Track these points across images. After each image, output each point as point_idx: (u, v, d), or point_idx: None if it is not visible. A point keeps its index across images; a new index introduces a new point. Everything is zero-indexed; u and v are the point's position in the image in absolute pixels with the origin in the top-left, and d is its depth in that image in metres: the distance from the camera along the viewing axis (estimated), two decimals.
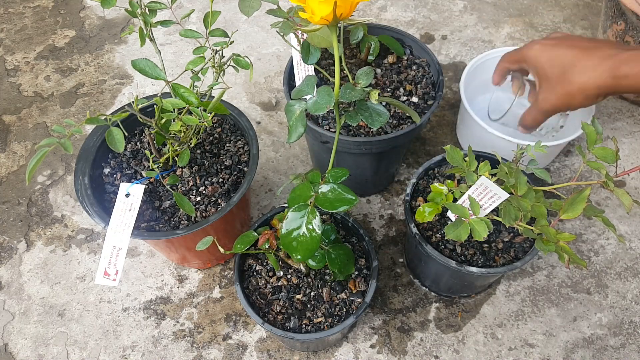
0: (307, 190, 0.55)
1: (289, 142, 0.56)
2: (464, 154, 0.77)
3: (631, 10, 1.04)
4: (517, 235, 0.81)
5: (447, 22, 1.40)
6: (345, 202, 0.53)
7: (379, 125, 0.57)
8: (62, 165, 1.16)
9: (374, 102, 0.57)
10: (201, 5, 1.47)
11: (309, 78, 0.57)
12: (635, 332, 0.93)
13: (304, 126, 0.55)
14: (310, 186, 0.55)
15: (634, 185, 1.11)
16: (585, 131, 0.68)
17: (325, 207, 0.54)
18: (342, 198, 0.54)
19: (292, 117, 0.55)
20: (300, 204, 0.55)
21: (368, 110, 0.58)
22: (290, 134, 0.56)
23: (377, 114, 0.57)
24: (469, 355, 0.91)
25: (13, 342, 0.94)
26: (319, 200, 0.54)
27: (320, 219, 0.54)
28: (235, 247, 0.69)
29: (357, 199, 0.53)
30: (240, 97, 1.26)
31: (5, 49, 1.38)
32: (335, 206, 0.53)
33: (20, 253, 1.04)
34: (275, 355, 0.91)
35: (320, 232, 0.54)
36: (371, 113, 0.57)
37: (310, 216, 0.54)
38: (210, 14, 0.69)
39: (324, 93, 0.54)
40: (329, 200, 0.54)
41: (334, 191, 0.54)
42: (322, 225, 0.54)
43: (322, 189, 0.55)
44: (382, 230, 1.05)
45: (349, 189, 0.54)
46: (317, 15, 0.50)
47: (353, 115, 0.57)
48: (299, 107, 0.55)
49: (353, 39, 0.91)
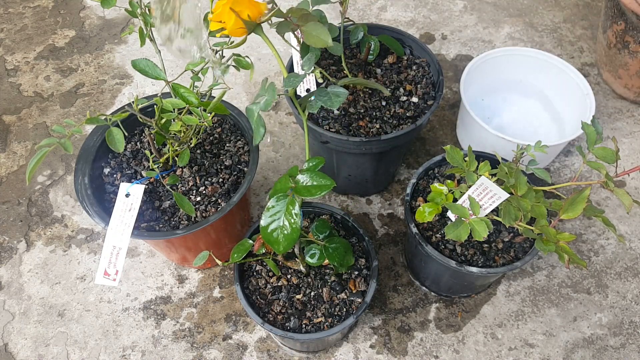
0: (286, 182, 0.57)
1: (255, 143, 0.60)
2: (464, 154, 0.77)
3: (631, 10, 1.04)
4: (517, 235, 0.81)
5: (447, 22, 1.41)
6: (322, 188, 0.55)
7: (337, 105, 0.60)
8: (62, 165, 1.16)
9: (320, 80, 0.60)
10: (201, 5, 1.47)
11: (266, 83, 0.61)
12: (635, 332, 0.93)
13: (263, 126, 0.59)
14: (288, 178, 0.57)
15: (634, 185, 1.11)
16: (585, 131, 0.68)
17: (304, 194, 0.55)
18: (318, 184, 0.55)
19: (253, 120, 0.59)
20: (280, 195, 0.56)
21: (327, 94, 0.61)
22: (255, 137, 0.59)
23: (335, 95, 0.61)
24: (469, 355, 0.91)
25: (13, 342, 0.94)
26: (297, 190, 0.56)
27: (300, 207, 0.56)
28: (232, 257, 0.69)
29: (333, 183, 0.55)
30: (240, 97, 1.26)
31: (5, 49, 1.38)
32: (312, 192, 0.55)
33: (20, 253, 1.04)
34: (275, 355, 0.91)
35: (299, 220, 0.55)
36: (330, 96, 0.61)
37: (290, 206, 0.55)
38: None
39: (271, 89, 0.58)
40: (307, 188, 0.56)
41: (311, 179, 0.56)
42: (300, 213, 0.56)
43: (300, 178, 0.57)
44: (382, 230, 1.05)
45: (324, 175, 0.56)
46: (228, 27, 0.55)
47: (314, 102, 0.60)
48: (256, 109, 0.59)
49: (353, 39, 0.91)
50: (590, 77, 1.27)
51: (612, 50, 1.17)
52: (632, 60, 1.13)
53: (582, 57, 1.32)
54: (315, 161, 0.59)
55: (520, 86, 1.19)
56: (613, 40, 1.15)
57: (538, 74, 1.15)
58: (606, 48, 1.19)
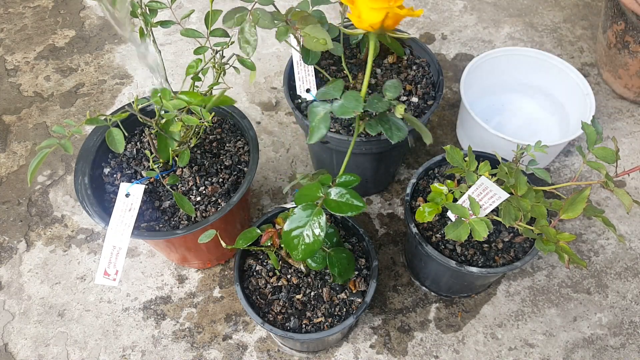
0: (315, 190, 0.55)
1: (310, 142, 0.55)
2: (464, 154, 0.77)
3: (631, 10, 1.04)
4: (517, 235, 0.81)
5: (447, 22, 1.41)
6: (353, 208, 0.53)
7: (397, 140, 0.57)
8: (62, 165, 1.16)
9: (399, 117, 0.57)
10: (201, 5, 1.47)
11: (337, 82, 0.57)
12: (635, 332, 0.93)
13: (326, 128, 0.54)
14: (319, 187, 0.56)
15: (634, 185, 1.11)
16: (585, 131, 0.68)
17: (333, 209, 0.54)
18: (350, 204, 0.54)
19: (315, 118, 0.55)
20: (308, 203, 0.55)
21: (389, 123, 0.57)
22: (311, 135, 0.55)
23: (397, 128, 0.57)
24: (469, 355, 0.91)
25: (13, 342, 0.94)
26: (327, 203, 0.54)
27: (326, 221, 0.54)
28: (237, 243, 0.68)
29: (365, 206, 0.54)
30: (240, 97, 1.26)
31: (5, 49, 1.38)
32: (343, 210, 0.53)
33: (20, 253, 1.04)
34: (275, 355, 0.91)
35: (324, 234, 0.54)
36: (391, 126, 0.57)
37: (315, 217, 0.54)
38: (211, 14, 0.69)
39: (352, 98, 0.54)
40: (338, 204, 0.54)
41: (343, 196, 0.55)
42: (325, 227, 0.54)
43: (332, 192, 0.55)
44: (382, 230, 1.05)
45: (358, 195, 0.54)
46: (365, 22, 0.50)
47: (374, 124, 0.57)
48: (324, 109, 0.54)
49: (353, 39, 0.91)
50: (590, 77, 1.27)
51: (612, 50, 1.17)
52: (632, 60, 1.13)
53: (582, 57, 1.32)
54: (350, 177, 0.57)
55: (520, 86, 1.19)
56: (613, 40, 1.15)
57: (538, 74, 1.15)
58: (606, 48, 1.19)
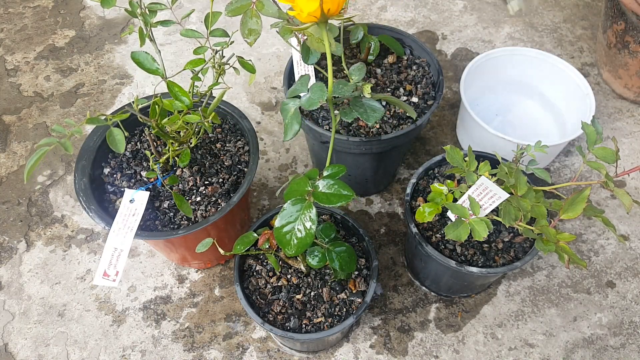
0: (304, 185, 0.56)
1: (285, 140, 0.57)
2: (464, 154, 0.77)
3: (631, 10, 1.04)
4: (517, 235, 0.81)
5: (447, 22, 1.41)
6: (342, 198, 0.54)
7: (374, 121, 0.58)
8: (62, 165, 1.16)
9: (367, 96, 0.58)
10: (201, 5, 1.47)
11: (303, 77, 0.58)
12: (635, 332, 0.93)
13: (298, 123, 0.56)
14: (307, 181, 0.56)
15: (634, 185, 1.11)
16: (585, 131, 0.68)
17: (322, 201, 0.54)
18: (339, 194, 0.54)
19: (287, 115, 0.56)
20: (297, 198, 0.55)
21: (363, 106, 0.59)
22: (286, 132, 0.57)
23: (372, 110, 0.58)
24: (469, 355, 0.91)
25: (13, 342, 0.94)
26: (316, 195, 0.54)
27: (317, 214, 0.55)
28: (235, 249, 0.69)
29: (354, 195, 0.54)
30: (240, 97, 1.26)
31: (5, 49, 1.38)
32: (332, 201, 0.54)
33: (20, 253, 1.04)
34: (275, 355, 0.91)
35: (315, 227, 0.54)
36: (366, 109, 0.58)
37: (305, 211, 0.54)
38: (211, 14, 0.69)
39: (317, 89, 0.56)
40: (326, 195, 0.54)
41: (331, 187, 0.55)
42: (316, 220, 0.55)
43: (320, 184, 0.55)
44: (382, 230, 1.05)
45: (346, 185, 0.55)
46: (304, 12, 0.50)
47: (348, 111, 0.58)
48: (293, 105, 0.56)
49: (353, 39, 0.91)
50: (590, 77, 1.27)
51: (612, 50, 1.17)
52: (632, 60, 1.13)
53: (582, 57, 1.32)
54: (336, 168, 0.57)
55: (520, 86, 1.19)
56: (613, 40, 1.15)
57: (538, 74, 1.15)
58: (606, 48, 1.19)
